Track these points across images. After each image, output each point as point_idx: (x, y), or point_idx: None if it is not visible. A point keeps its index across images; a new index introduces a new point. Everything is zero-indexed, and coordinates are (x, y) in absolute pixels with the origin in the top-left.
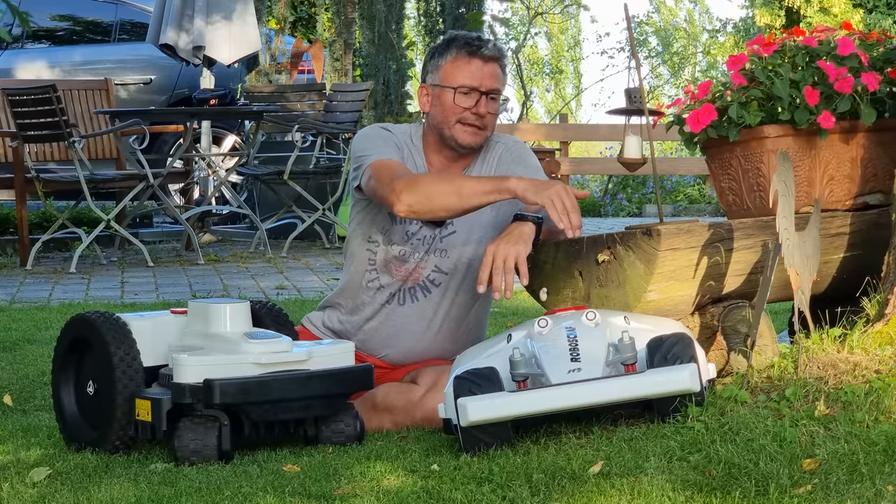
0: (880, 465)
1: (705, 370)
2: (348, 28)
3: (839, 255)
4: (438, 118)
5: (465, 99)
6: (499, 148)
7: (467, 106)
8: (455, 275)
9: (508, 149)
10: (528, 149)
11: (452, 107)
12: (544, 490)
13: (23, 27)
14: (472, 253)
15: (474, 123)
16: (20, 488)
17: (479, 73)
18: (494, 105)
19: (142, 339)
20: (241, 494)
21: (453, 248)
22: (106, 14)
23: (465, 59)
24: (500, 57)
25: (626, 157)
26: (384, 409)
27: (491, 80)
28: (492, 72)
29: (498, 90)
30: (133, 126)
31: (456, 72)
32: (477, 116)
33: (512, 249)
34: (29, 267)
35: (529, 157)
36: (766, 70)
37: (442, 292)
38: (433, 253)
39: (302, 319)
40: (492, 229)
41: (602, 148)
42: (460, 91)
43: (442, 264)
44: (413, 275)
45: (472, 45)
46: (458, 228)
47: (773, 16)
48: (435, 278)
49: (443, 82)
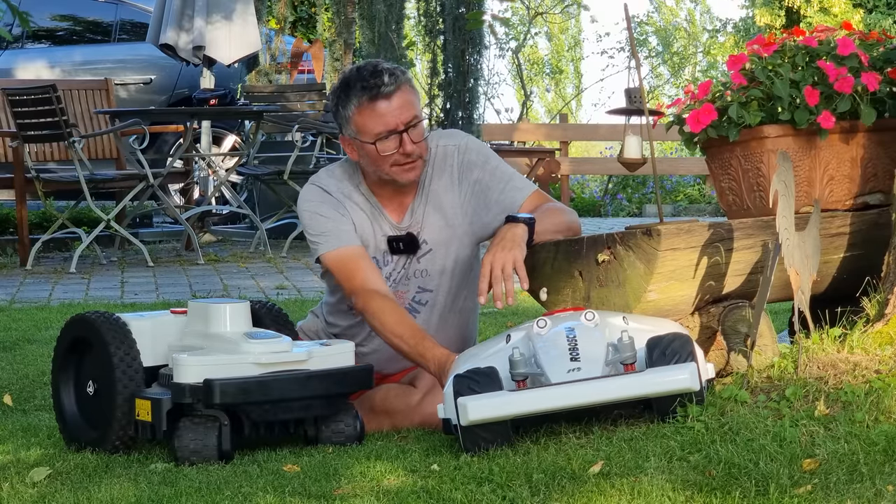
0: (880, 465)
1: (704, 370)
2: (348, 28)
3: (839, 255)
4: (371, 167)
5: (388, 144)
6: (450, 151)
7: (393, 150)
8: (440, 289)
9: (463, 150)
10: (484, 145)
11: (379, 157)
12: (544, 490)
13: (23, 27)
14: (453, 263)
15: (407, 161)
16: (20, 488)
17: (388, 114)
18: (418, 132)
19: (142, 339)
20: (241, 494)
21: (433, 265)
22: (106, 14)
23: (370, 106)
24: (399, 81)
25: (626, 157)
26: (383, 411)
27: (402, 112)
28: (400, 104)
29: (414, 116)
30: (133, 126)
31: (367, 122)
32: (406, 155)
33: (508, 255)
34: (29, 267)
35: (488, 155)
36: (766, 70)
37: (430, 309)
38: (413, 276)
39: (295, 328)
40: (467, 238)
41: (602, 148)
42: (380, 140)
43: (425, 284)
44: (399, 298)
45: (369, 90)
46: (433, 246)
47: (773, 16)
48: (421, 298)
49: (360, 136)
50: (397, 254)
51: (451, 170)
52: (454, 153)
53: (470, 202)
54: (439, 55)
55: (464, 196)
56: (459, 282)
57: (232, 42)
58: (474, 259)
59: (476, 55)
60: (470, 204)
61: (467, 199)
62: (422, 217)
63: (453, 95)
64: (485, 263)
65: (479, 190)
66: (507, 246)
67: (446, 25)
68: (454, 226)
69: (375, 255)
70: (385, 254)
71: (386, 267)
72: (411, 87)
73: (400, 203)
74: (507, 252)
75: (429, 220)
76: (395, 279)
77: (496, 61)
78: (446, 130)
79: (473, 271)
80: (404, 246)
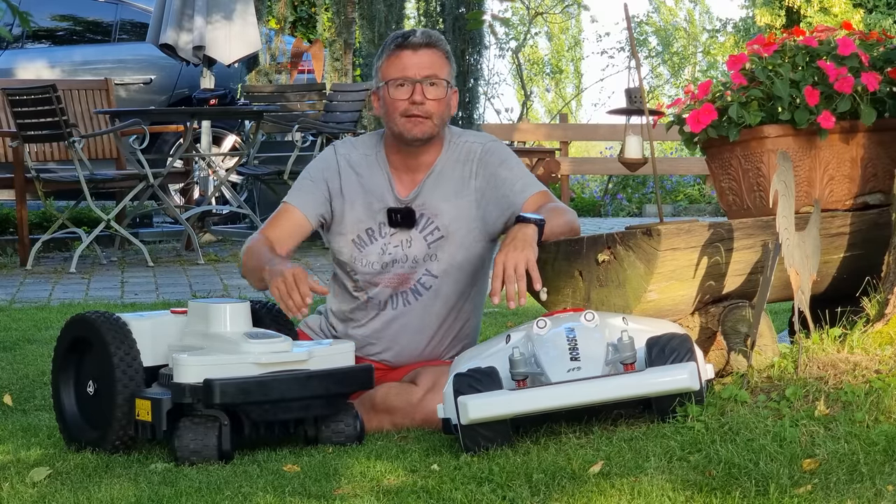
0: (880, 465)
1: (704, 369)
2: (348, 28)
3: (839, 255)
4: (386, 117)
5: (400, 91)
6: (475, 148)
7: (404, 97)
8: (447, 278)
9: (488, 150)
10: (508, 148)
11: (391, 102)
12: (544, 490)
13: (23, 27)
14: (464, 256)
15: (415, 113)
16: (20, 488)
17: (409, 62)
18: (435, 91)
19: (142, 339)
20: (241, 494)
21: (443, 252)
22: (106, 14)
23: (395, 54)
24: (433, 43)
25: (626, 157)
26: (383, 410)
27: (423, 66)
28: (424, 59)
29: (435, 75)
30: (133, 126)
31: (389, 68)
32: (416, 105)
33: (521, 256)
34: (29, 267)
35: (511, 157)
36: (766, 70)
37: (434, 294)
38: (423, 258)
39: (299, 324)
40: (479, 234)
41: (602, 148)
42: (393, 84)
43: (433, 268)
44: (404, 280)
45: (398, 39)
46: (445, 233)
47: (774, 16)
48: (426, 282)
49: (380, 81)
50: (395, 226)
51: (471, 165)
52: (478, 150)
53: (484, 199)
54: None
55: (482, 194)
56: (468, 277)
57: (232, 42)
58: (487, 257)
59: (476, 55)
60: (485, 200)
61: (487, 198)
62: (430, 197)
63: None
64: (497, 263)
65: (500, 191)
66: (520, 246)
67: (446, 25)
68: (469, 219)
69: (370, 226)
70: (382, 225)
71: (382, 239)
72: (444, 54)
73: (411, 179)
74: (519, 252)
75: (440, 206)
76: (394, 257)
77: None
78: (479, 132)
79: (483, 270)
80: (401, 219)
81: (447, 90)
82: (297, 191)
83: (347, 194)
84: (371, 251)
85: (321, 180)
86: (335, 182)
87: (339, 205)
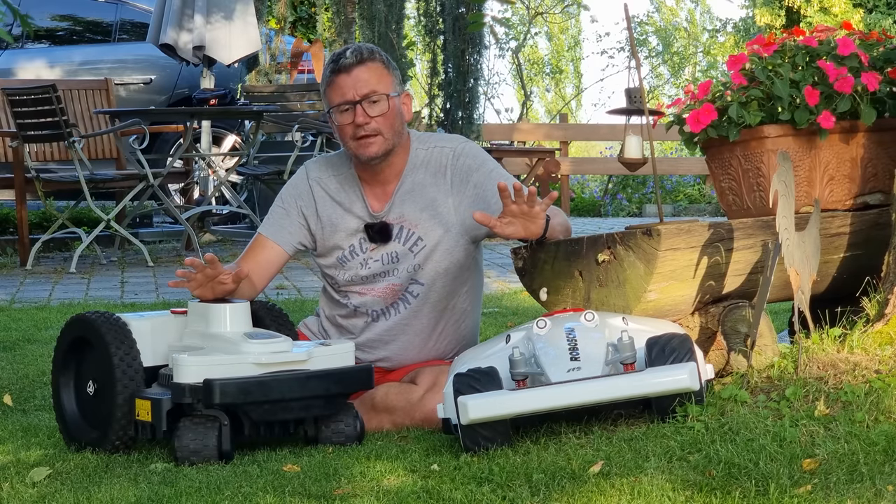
0: (880, 465)
1: (703, 369)
2: (348, 28)
3: (839, 255)
4: (341, 142)
5: (345, 116)
6: (446, 153)
7: (348, 122)
8: (434, 285)
9: (459, 153)
10: (480, 148)
11: (340, 128)
12: (544, 490)
13: (24, 28)
14: (448, 263)
15: (362, 134)
16: (20, 488)
17: (345, 84)
18: (376, 108)
19: (142, 339)
20: (241, 494)
21: (428, 260)
22: (106, 14)
23: (331, 79)
24: (364, 59)
25: (626, 157)
26: (384, 409)
27: (359, 86)
28: (358, 78)
29: (374, 91)
30: (133, 126)
31: (330, 95)
32: (361, 127)
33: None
34: (29, 267)
35: (484, 158)
36: (766, 70)
37: (422, 301)
38: (408, 269)
39: (299, 324)
40: (463, 239)
41: (602, 148)
42: (337, 111)
43: (419, 277)
44: (392, 291)
45: (331, 64)
46: (427, 242)
47: (774, 16)
48: (414, 290)
49: (328, 109)
50: (374, 241)
51: (443, 171)
52: (449, 155)
53: (468, 206)
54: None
55: (461, 199)
56: (454, 281)
57: (232, 42)
58: (471, 261)
59: (476, 55)
60: (463, 206)
61: (466, 202)
62: (406, 208)
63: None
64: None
65: (478, 193)
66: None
67: (446, 25)
68: (449, 225)
69: (352, 243)
70: (363, 241)
71: (363, 254)
72: (380, 65)
73: (382, 191)
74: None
75: (418, 216)
76: (378, 270)
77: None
78: (447, 134)
79: (469, 271)
80: (376, 234)
81: (390, 102)
82: (271, 221)
83: (324, 217)
84: (354, 266)
85: (294, 207)
86: (310, 207)
87: (318, 228)
